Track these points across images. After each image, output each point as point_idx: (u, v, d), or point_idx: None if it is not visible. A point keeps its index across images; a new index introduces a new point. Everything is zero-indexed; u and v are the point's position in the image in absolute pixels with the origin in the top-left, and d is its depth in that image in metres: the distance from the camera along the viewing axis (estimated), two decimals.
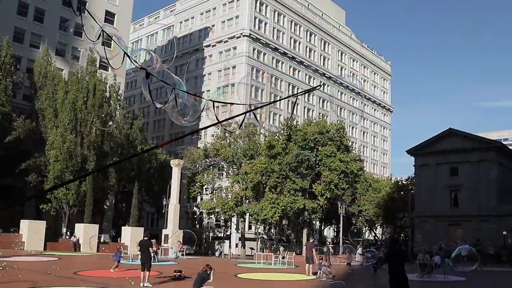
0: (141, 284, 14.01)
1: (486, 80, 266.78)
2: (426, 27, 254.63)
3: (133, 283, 14.39)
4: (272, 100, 71.19)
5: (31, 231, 32.79)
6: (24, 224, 33.66)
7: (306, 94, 77.84)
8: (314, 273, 20.50)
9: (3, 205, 36.59)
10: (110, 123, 45.19)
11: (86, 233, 34.95)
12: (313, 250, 21.25)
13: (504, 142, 62.03)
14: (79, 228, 35.99)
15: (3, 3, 47.14)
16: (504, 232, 43.49)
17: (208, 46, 72.43)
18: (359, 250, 30.10)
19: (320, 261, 21.00)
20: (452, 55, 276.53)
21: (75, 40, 52.27)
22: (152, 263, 14.86)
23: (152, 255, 14.71)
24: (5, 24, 45.22)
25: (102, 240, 40.71)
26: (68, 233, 38.81)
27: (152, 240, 15.09)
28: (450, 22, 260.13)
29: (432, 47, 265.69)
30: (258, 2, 70.91)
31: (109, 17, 55.09)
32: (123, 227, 39.69)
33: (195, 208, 61.11)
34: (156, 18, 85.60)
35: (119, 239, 41.56)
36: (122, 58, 4.64)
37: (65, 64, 49.07)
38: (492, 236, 40.75)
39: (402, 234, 60.95)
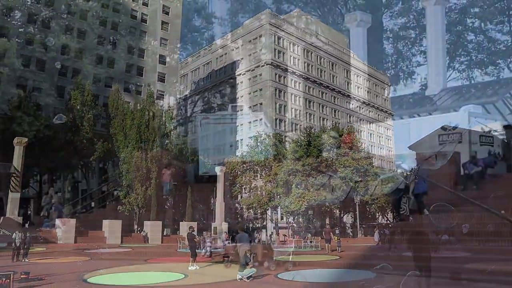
0: (188, 267, 14.10)
1: None
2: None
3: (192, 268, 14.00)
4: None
5: (111, 228, 33.57)
6: (105, 223, 34.52)
7: (321, 107, 76.38)
8: (333, 250, 20.80)
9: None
10: (167, 141, 46.12)
11: (152, 228, 35.36)
12: (330, 233, 21.57)
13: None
14: (147, 224, 36.51)
15: (85, 58, 50.03)
16: None
17: (239, 74, 73.13)
18: (376, 233, 28.63)
19: (338, 240, 21.66)
20: None
21: (137, 79, 54.27)
22: (197, 251, 14.82)
23: (196, 244, 14.60)
24: (87, 72, 48.23)
25: (165, 233, 41.06)
26: (139, 229, 39.55)
27: (193, 233, 14.92)
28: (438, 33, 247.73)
29: None
30: (276, 36, 70.91)
31: (162, 59, 57.11)
32: (180, 223, 39.97)
33: (236, 205, 60.92)
34: (197, 57, 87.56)
35: (178, 232, 41.77)
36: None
37: (131, 98, 50.92)
38: None
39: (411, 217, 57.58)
